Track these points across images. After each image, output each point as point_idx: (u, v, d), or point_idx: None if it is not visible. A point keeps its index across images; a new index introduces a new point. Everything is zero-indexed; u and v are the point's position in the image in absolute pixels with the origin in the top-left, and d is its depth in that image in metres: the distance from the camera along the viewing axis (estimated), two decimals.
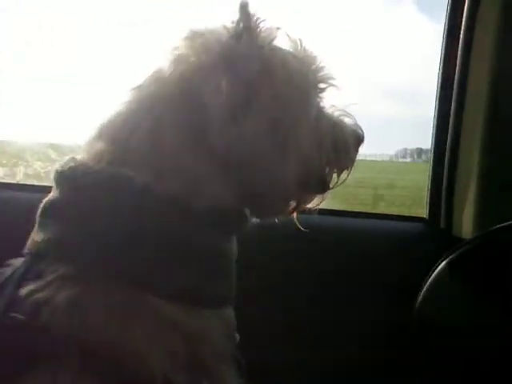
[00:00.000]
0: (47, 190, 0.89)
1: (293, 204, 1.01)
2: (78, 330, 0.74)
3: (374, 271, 1.52)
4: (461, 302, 1.17)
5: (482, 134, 1.47)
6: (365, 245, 1.56)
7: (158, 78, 0.90)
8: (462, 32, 1.52)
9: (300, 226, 1.06)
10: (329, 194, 1.03)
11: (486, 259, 1.17)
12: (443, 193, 1.61)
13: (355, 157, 1.01)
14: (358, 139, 1.01)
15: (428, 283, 1.21)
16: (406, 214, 1.87)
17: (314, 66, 0.96)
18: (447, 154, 1.58)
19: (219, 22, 0.91)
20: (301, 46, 0.96)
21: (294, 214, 1.05)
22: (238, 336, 0.95)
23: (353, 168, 1.01)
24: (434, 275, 1.21)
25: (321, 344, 1.47)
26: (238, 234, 0.95)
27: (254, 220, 0.98)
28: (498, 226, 1.15)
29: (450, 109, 1.57)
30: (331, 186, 1.02)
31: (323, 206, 1.06)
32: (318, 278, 1.49)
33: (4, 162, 1.76)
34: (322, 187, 1.02)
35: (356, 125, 1.01)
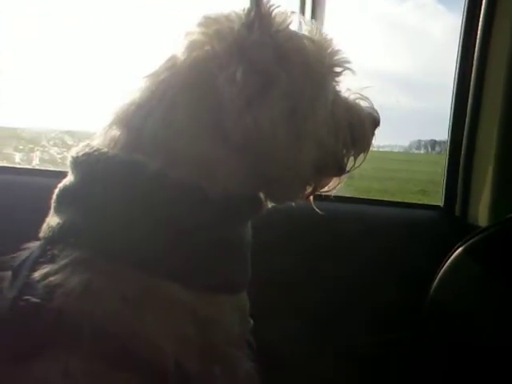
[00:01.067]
0: (63, 175, 0.89)
1: (309, 188, 1.00)
2: (91, 314, 0.74)
3: (389, 258, 1.51)
4: (475, 288, 1.16)
5: (499, 123, 1.46)
6: (380, 232, 1.56)
7: (171, 65, 0.89)
8: (480, 23, 1.50)
9: (318, 210, 1.05)
10: (345, 177, 1.02)
11: (501, 246, 1.17)
12: (459, 181, 1.60)
13: (372, 140, 1.00)
14: (375, 122, 0.99)
15: (443, 270, 1.20)
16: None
17: (329, 50, 0.95)
18: (464, 141, 1.57)
19: (231, 7, 0.90)
20: (316, 29, 0.94)
21: (311, 198, 1.04)
22: (251, 320, 0.96)
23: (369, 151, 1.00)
24: (449, 262, 1.20)
25: (332, 329, 1.47)
26: (253, 219, 0.95)
27: (271, 204, 0.97)
28: None
29: (467, 98, 1.55)
30: (348, 169, 1.00)
31: (339, 193, 1.06)
32: (333, 264, 1.49)
33: (20, 147, 1.77)
34: (339, 170, 1.00)
35: (372, 108, 0.99)
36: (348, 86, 0.99)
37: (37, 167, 1.63)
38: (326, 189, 1.04)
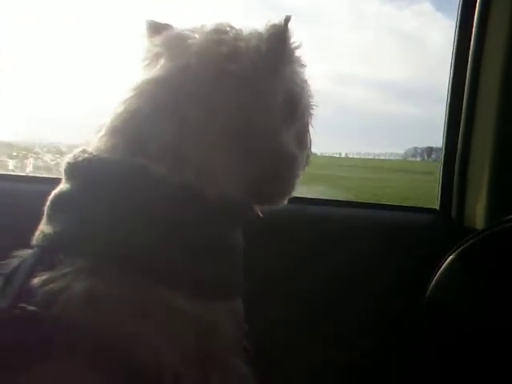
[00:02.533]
0: (57, 182, 0.88)
1: None
2: (92, 321, 0.73)
3: (385, 262, 1.51)
4: (471, 291, 1.16)
5: (494, 125, 1.46)
6: (376, 235, 1.56)
7: (183, 71, 0.89)
8: (473, 30, 1.52)
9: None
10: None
11: (497, 249, 1.16)
12: (455, 184, 1.60)
13: None
14: None
15: (439, 272, 1.20)
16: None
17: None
18: (459, 144, 1.58)
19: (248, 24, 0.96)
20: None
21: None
22: (246, 326, 0.95)
23: None
24: (445, 264, 1.20)
25: (328, 334, 1.47)
26: (245, 225, 0.96)
27: (265, 208, 1.03)
28: (510, 216, 1.14)
29: (462, 101, 1.56)
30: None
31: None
32: (328, 267, 1.49)
33: (14, 154, 1.76)
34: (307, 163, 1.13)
35: None
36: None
37: (30, 174, 1.63)
38: None
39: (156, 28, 0.99)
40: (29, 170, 1.59)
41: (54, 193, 0.86)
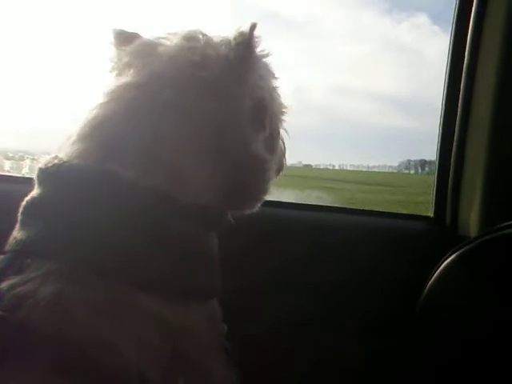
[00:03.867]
0: None
1: None
2: (57, 325, 0.73)
3: (378, 268, 1.51)
4: (465, 298, 1.16)
5: (488, 133, 1.47)
6: (369, 242, 1.56)
7: (157, 78, 0.91)
8: (468, 43, 1.53)
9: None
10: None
11: (489, 256, 1.17)
12: (449, 191, 1.60)
13: None
14: None
15: (432, 279, 1.21)
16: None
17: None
18: (454, 151, 1.58)
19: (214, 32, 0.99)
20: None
21: None
22: (225, 327, 0.96)
23: None
24: (438, 272, 1.21)
25: (319, 339, 1.47)
26: (219, 231, 0.98)
27: (238, 214, 1.05)
28: (503, 224, 1.15)
29: (456, 108, 1.57)
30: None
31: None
32: (321, 274, 1.49)
33: (10, 155, 1.76)
34: (281, 167, 1.17)
35: None
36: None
37: (26, 176, 1.62)
38: None
39: (124, 37, 1.01)
40: (25, 172, 1.58)
41: (26, 199, 0.86)
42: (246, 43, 0.94)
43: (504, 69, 1.44)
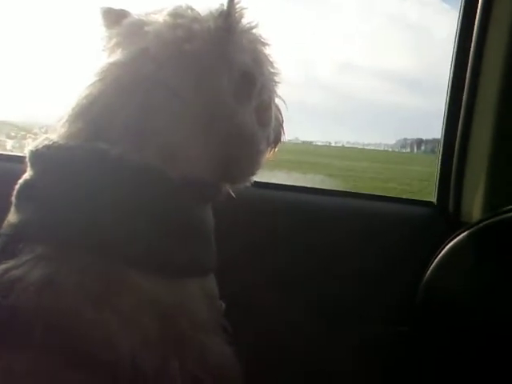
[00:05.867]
0: None
1: None
2: (47, 309, 0.73)
3: (380, 253, 1.51)
4: (468, 282, 1.16)
5: (493, 120, 1.46)
6: (371, 226, 1.56)
7: (142, 57, 0.90)
8: (476, 21, 1.51)
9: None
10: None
11: (492, 240, 1.17)
12: (452, 177, 1.60)
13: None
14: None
15: (434, 264, 1.20)
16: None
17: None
18: (458, 138, 1.57)
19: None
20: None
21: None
22: (223, 304, 0.96)
23: None
24: (439, 257, 1.21)
25: (320, 322, 1.47)
26: (213, 203, 0.98)
27: (231, 188, 1.05)
28: (505, 208, 1.14)
29: (462, 95, 1.56)
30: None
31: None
32: (325, 258, 1.49)
33: (12, 134, 1.75)
34: (277, 142, 1.14)
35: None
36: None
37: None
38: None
39: (113, 15, 0.99)
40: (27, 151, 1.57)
41: (19, 182, 0.86)
42: (224, 15, 0.92)
43: None
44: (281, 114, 1.13)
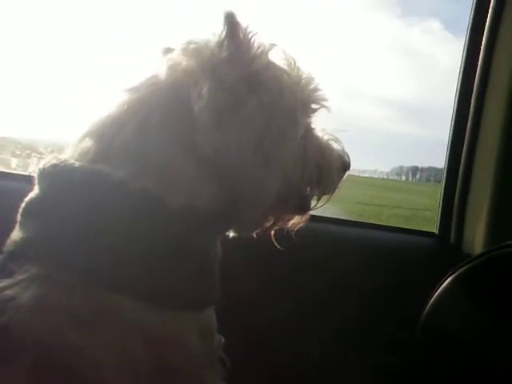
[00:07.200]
0: None
1: (271, 220, 1.01)
2: (37, 331, 0.72)
3: (381, 283, 1.50)
4: (468, 315, 1.15)
5: (496, 151, 1.47)
6: (373, 256, 1.55)
7: (152, 83, 0.91)
8: (481, 51, 1.53)
9: (277, 245, 1.03)
10: (307, 216, 1.03)
11: (491, 274, 1.16)
12: (455, 208, 1.60)
13: (338, 183, 1.02)
14: (344, 166, 1.02)
15: (435, 296, 1.20)
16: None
17: (309, 87, 0.97)
18: (461, 169, 1.58)
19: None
20: (295, 64, 0.97)
21: (272, 233, 1.04)
22: (221, 338, 0.94)
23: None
24: (440, 290, 1.20)
25: (318, 356, 1.46)
26: (221, 235, 0.95)
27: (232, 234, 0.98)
28: (508, 242, 1.14)
29: (465, 126, 1.57)
30: (311, 207, 1.02)
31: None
32: (323, 284, 1.48)
33: (17, 152, 1.76)
34: (302, 207, 1.02)
35: (343, 151, 1.02)
36: (323, 126, 1.01)
37: (33, 174, 1.62)
38: (287, 226, 1.05)
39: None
40: (32, 170, 1.58)
41: (25, 199, 0.86)
42: (219, 44, 0.88)
43: None
44: (333, 154, 0.99)
